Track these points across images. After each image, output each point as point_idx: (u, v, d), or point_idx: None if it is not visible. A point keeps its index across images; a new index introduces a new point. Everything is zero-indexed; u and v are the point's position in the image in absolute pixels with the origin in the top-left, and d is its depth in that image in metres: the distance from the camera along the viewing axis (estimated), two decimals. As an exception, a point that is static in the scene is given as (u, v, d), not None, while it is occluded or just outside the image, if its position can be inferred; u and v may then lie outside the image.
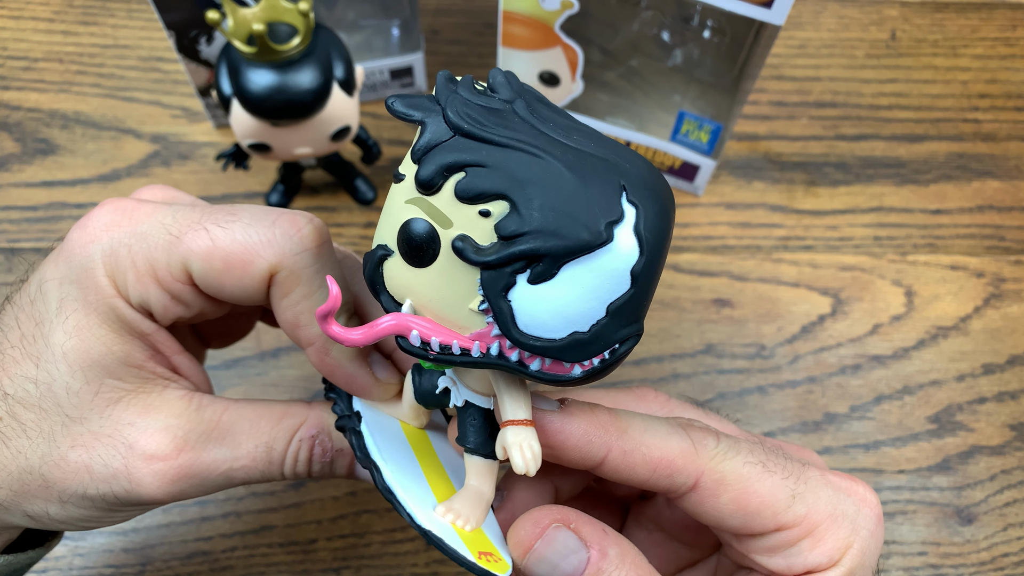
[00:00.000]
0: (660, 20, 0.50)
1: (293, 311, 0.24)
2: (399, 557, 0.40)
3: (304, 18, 0.38)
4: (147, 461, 0.24)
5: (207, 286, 0.24)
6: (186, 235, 0.23)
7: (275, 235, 0.23)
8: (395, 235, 0.19)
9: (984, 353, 0.48)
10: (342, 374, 0.25)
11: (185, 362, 0.26)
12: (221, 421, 0.25)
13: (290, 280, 0.23)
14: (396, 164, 0.57)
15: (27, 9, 0.58)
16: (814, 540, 0.24)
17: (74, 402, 0.24)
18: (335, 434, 0.26)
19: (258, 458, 0.25)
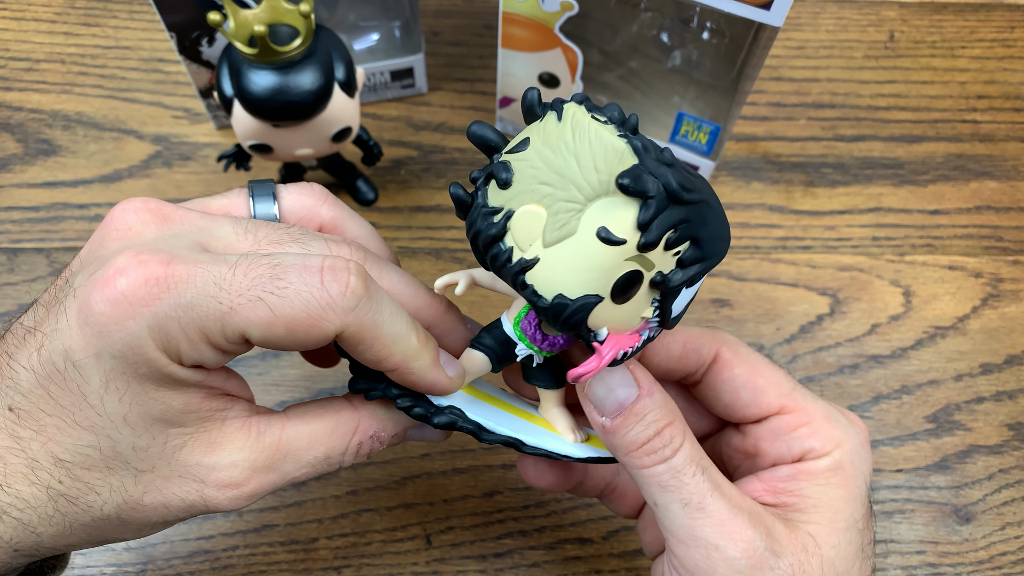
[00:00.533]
0: (659, 22, 0.50)
1: (372, 354, 0.25)
2: (400, 556, 0.41)
3: (305, 19, 0.38)
4: (221, 490, 0.26)
5: (264, 344, 0.25)
6: (242, 306, 0.23)
7: (331, 296, 0.24)
8: (609, 286, 0.22)
9: (982, 353, 0.48)
10: (426, 383, 0.27)
11: (234, 384, 0.27)
12: (280, 444, 0.26)
13: (359, 333, 0.24)
14: (396, 164, 0.57)
15: (29, 10, 0.58)
16: (811, 429, 0.28)
17: (142, 456, 0.25)
18: (389, 425, 0.28)
19: (318, 465, 0.27)
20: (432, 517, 0.42)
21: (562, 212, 0.22)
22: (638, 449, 0.26)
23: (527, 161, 0.23)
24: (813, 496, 0.27)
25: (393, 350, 0.25)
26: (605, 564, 0.41)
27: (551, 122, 0.23)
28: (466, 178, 0.52)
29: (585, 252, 0.22)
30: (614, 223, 0.22)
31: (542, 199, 0.22)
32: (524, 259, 0.23)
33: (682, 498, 0.25)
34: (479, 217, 0.23)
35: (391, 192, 0.51)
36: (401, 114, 0.55)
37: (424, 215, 0.51)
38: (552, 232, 0.22)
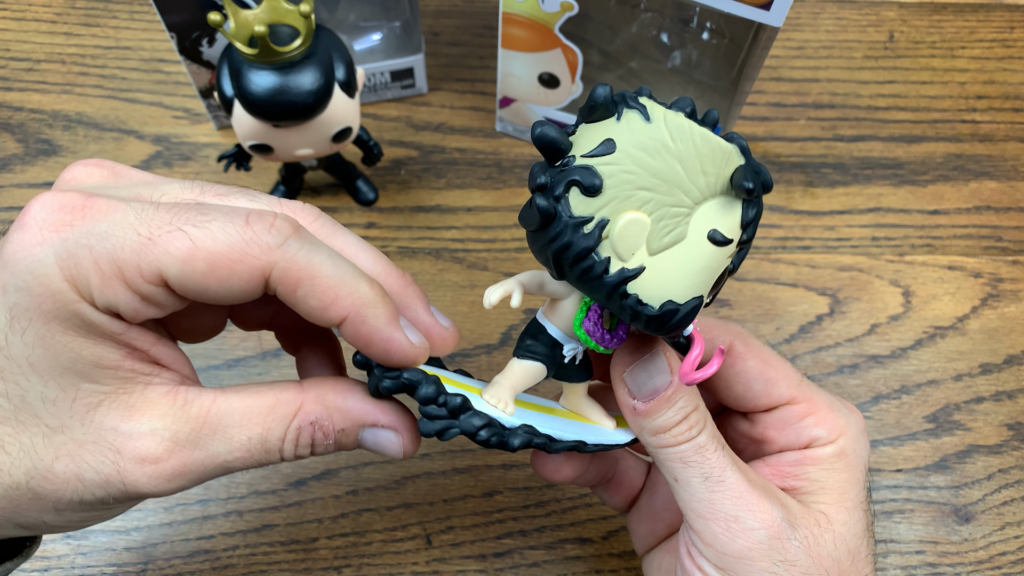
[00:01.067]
0: (659, 22, 0.50)
1: (316, 299, 0.23)
2: (400, 556, 0.41)
3: (305, 20, 0.38)
4: (139, 464, 0.23)
5: (186, 289, 0.23)
6: (160, 237, 0.22)
7: (255, 232, 0.22)
8: (710, 285, 0.23)
9: (981, 353, 0.48)
10: (382, 339, 0.24)
11: (165, 352, 0.25)
12: (209, 416, 0.24)
13: (292, 272, 0.23)
14: (396, 165, 0.57)
15: (29, 11, 0.58)
16: (817, 419, 0.29)
17: (52, 411, 0.23)
18: (336, 415, 0.25)
19: (253, 449, 0.24)
20: (432, 517, 0.42)
21: (668, 218, 0.21)
22: (667, 431, 0.27)
23: (618, 165, 0.21)
24: (820, 479, 0.28)
25: (339, 293, 0.23)
26: (605, 564, 0.41)
27: (637, 122, 0.21)
28: (466, 177, 0.52)
29: (696, 255, 0.22)
30: (723, 224, 0.22)
31: (643, 206, 0.21)
32: (626, 269, 0.22)
33: (703, 472, 0.26)
34: (567, 229, 0.22)
35: (391, 192, 0.51)
36: (401, 114, 0.55)
37: (424, 215, 0.51)
38: (659, 239, 0.22)
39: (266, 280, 0.23)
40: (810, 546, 0.26)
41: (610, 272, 0.22)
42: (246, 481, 0.42)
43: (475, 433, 0.24)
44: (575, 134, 0.22)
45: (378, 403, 0.26)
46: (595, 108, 0.22)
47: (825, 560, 0.27)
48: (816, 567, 0.26)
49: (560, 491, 0.43)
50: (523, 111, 0.52)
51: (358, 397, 0.26)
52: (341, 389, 0.26)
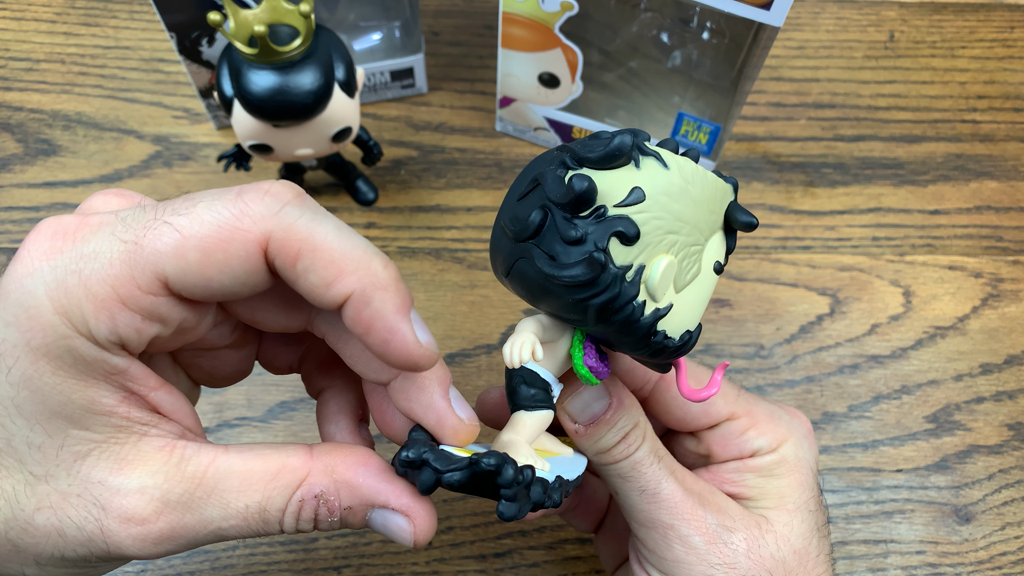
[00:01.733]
0: (659, 22, 0.50)
1: (319, 273, 0.21)
2: (399, 556, 0.41)
3: (305, 20, 0.38)
4: (124, 525, 0.21)
5: (187, 286, 0.21)
6: (145, 237, 0.20)
7: (245, 203, 0.20)
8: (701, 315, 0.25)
9: (982, 353, 0.48)
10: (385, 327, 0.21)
11: (167, 399, 0.23)
12: (206, 477, 0.22)
13: (292, 242, 0.20)
14: (396, 164, 0.57)
15: (29, 10, 0.58)
16: (757, 431, 0.30)
17: (37, 458, 0.21)
18: (344, 491, 0.23)
19: (250, 518, 0.22)
20: (432, 517, 0.42)
21: (690, 256, 0.23)
22: (606, 452, 0.28)
23: (650, 212, 0.22)
24: (759, 485, 0.30)
25: (345, 268, 0.21)
26: (605, 564, 0.41)
27: (658, 169, 0.22)
28: (466, 177, 0.52)
29: (706, 286, 0.24)
30: (721, 254, 0.25)
31: (671, 248, 0.23)
32: (659, 309, 0.23)
33: (640, 486, 0.28)
34: (616, 281, 0.22)
35: (391, 192, 0.51)
36: (401, 114, 0.55)
37: (424, 215, 0.51)
38: (684, 277, 0.23)
39: (265, 255, 0.21)
40: (749, 548, 0.27)
41: (646, 315, 0.22)
42: (246, 481, 0.42)
43: (544, 504, 0.23)
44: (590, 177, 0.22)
45: (392, 482, 0.23)
46: (618, 157, 0.22)
47: (767, 561, 0.27)
48: (757, 568, 0.27)
49: (560, 491, 0.43)
50: (523, 111, 0.52)
51: (371, 473, 0.23)
52: (354, 462, 0.23)
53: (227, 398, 0.44)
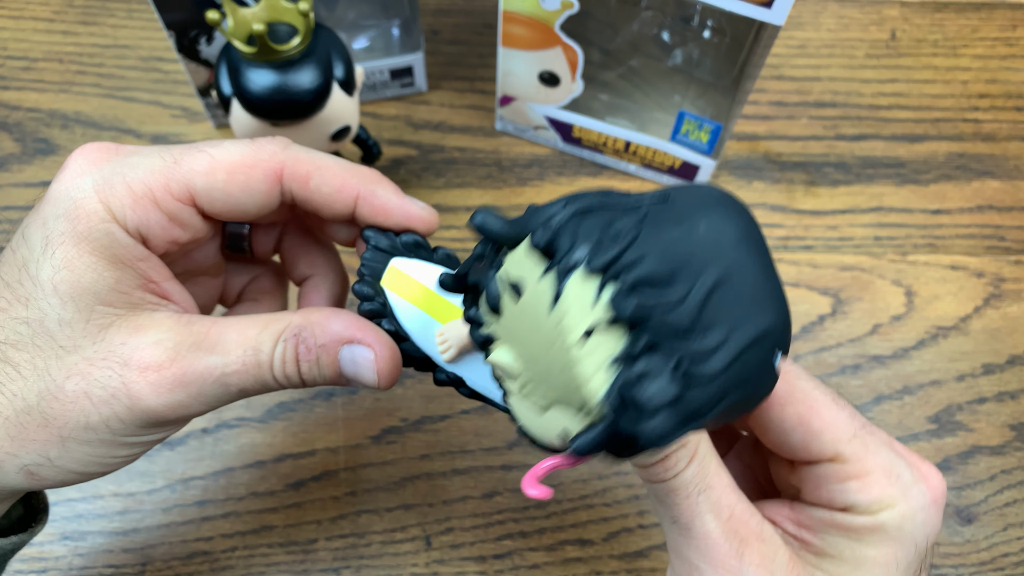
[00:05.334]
0: (660, 20, 0.50)
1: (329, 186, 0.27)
2: (399, 557, 0.40)
3: (304, 18, 0.38)
4: (142, 373, 0.24)
5: (212, 200, 0.26)
6: (183, 158, 0.25)
7: (259, 145, 0.26)
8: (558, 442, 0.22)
9: (984, 353, 0.48)
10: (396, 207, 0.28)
11: (176, 289, 0.27)
12: (210, 333, 0.25)
13: (301, 165, 0.26)
14: (396, 164, 0.57)
15: (27, 9, 0.58)
16: (862, 484, 0.25)
17: (67, 333, 0.24)
18: (318, 330, 0.26)
19: (248, 362, 0.25)
20: (431, 518, 0.41)
21: (532, 390, 0.21)
22: (644, 469, 0.25)
23: (515, 315, 0.20)
24: (836, 547, 0.25)
25: (347, 177, 0.27)
26: (605, 566, 0.41)
27: (545, 298, 0.19)
28: (465, 176, 0.52)
29: (550, 431, 0.21)
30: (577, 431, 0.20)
31: (517, 358, 0.21)
32: (499, 375, 0.22)
33: (672, 516, 0.25)
34: (473, 319, 0.22)
35: (391, 191, 0.51)
36: (400, 113, 0.55)
37: (424, 215, 0.50)
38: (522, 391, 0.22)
39: (280, 181, 0.26)
40: None
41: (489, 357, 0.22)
42: (244, 482, 0.42)
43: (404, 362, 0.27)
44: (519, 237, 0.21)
45: (360, 325, 0.26)
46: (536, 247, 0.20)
47: None
48: None
49: (560, 492, 0.42)
50: (523, 110, 0.52)
51: (341, 316, 0.27)
52: (328, 312, 0.27)
53: (226, 398, 0.44)
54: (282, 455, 0.43)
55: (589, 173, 0.53)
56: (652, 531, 0.42)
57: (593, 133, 0.51)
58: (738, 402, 0.19)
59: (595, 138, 0.51)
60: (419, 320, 0.28)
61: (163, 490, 0.41)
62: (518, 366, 0.21)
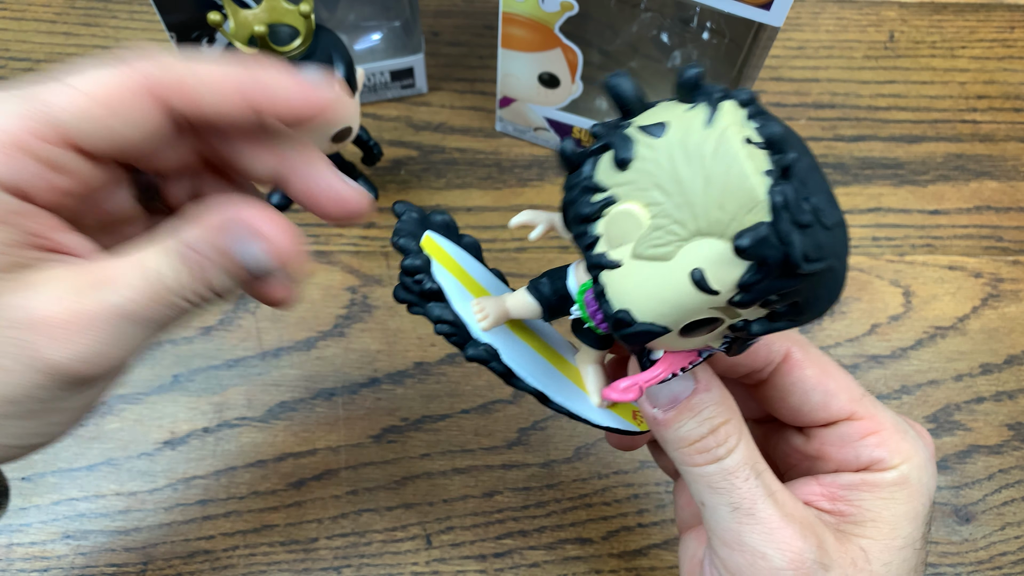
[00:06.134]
0: (659, 22, 0.50)
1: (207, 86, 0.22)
2: (399, 556, 0.41)
3: (305, 20, 0.38)
4: (42, 330, 0.22)
5: (89, 137, 0.22)
6: (43, 95, 0.21)
7: (127, 60, 0.22)
8: (682, 324, 0.20)
9: (982, 353, 0.48)
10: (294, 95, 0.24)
11: (74, 240, 0.23)
12: (106, 268, 0.22)
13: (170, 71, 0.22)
14: (396, 165, 0.57)
15: (29, 10, 0.58)
16: (879, 439, 0.26)
17: None
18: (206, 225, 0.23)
19: (143, 286, 0.22)
20: (432, 517, 0.42)
21: (664, 231, 0.19)
22: (690, 446, 0.24)
23: (655, 151, 0.19)
24: (873, 509, 0.25)
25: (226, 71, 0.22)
26: (605, 564, 0.41)
27: (698, 120, 0.19)
28: (466, 177, 0.52)
29: (672, 285, 0.19)
30: (714, 272, 0.19)
31: (650, 204, 0.19)
32: (606, 257, 0.20)
33: (732, 501, 0.24)
34: (578, 189, 0.21)
35: (391, 192, 0.51)
36: (401, 114, 0.55)
37: (424, 215, 0.51)
38: (645, 247, 0.19)
39: (157, 99, 0.22)
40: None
41: (594, 250, 0.21)
42: (246, 481, 0.42)
43: (435, 323, 0.26)
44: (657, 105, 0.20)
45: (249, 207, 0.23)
46: (678, 88, 0.20)
47: None
48: None
49: (560, 491, 0.43)
50: (523, 111, 0.52)
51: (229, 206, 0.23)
52: None
53: (227, 398, 0.44)
54: (283, 454, 0.43)
55: (589, 174, 0.53)
56: (651, 530, 0.42)
57: (593, 134, 0.51)
58: (831, 276, 0.19)
59: (595, 139, 0.52)
60: (456, 289, 0.26)
61: (165, 489, 0.42)
62: (648, 212, 0.19)
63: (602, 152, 0.20)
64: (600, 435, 0.44)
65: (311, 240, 0.49)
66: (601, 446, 0.44)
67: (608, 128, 0.21)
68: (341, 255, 0.49)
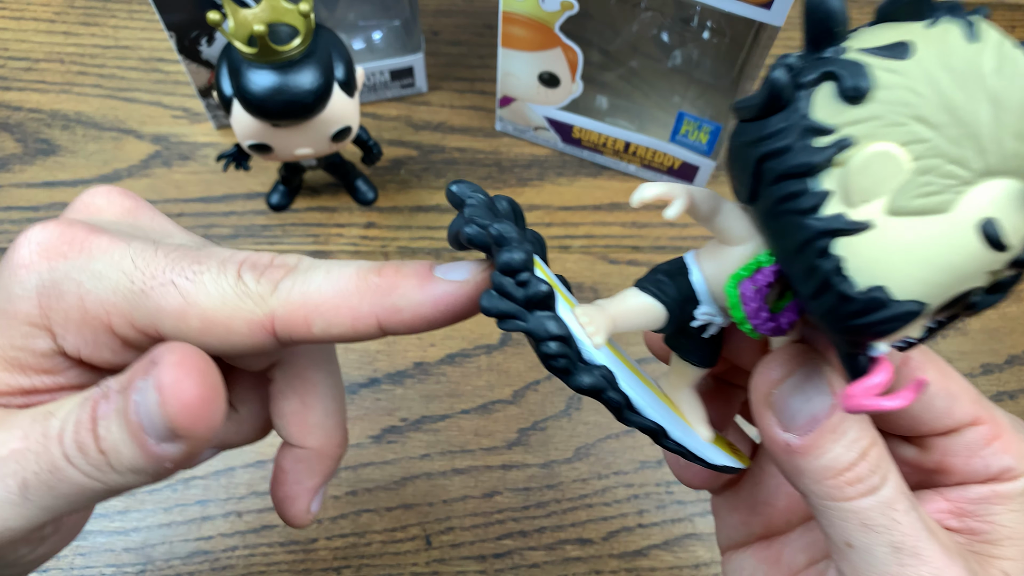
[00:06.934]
0: (660, 21, 0.50)
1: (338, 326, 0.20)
2: (399, 556, 0.41)
3: (305, 19, 0.38)
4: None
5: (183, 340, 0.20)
6: (153, 290, 0.20)
7: (247, 284, 0.20)
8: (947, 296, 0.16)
9: (983, 353, 0.48)
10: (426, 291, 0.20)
11: None
12: (7, 415, 0.19)
13: (293, 311, 0.20)
14: (396, 164, 0.57)
15: (28, 10, 0.58)
16: (1003, 444, 0.23)
17: None
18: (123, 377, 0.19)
19: (31, 435, 0.19)
20: (432, 518, 0.42)
21: (938, 174, 0.15)
22: (837, 476, 0.20)
23: (905, 76, 0.15)
24: (1009, 524, 0.22)
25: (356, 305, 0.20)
26: (605, 565, 0.41)
27: (955, 36, 0.15)
28: (466, 177, 0.52)
29: (949, 245, 0.15)
30: (1012, 220, 0.15)
31: (911, 142, 0.15)
32: (845, 218, 0.15)
33: (893, 541, 0.20)
34: (792, 130, 0.16)
35: (391, 192, 0.51)
36: (401, 114, 0.55)
37: (424, 215, 0.51)
38: (911, 196, 0.15)
39: (272, 332, 0.20)
40: None
41: (821, 212, 0.15)
42: (245, 482, 0.42)
43: (543, 340, 0.18)
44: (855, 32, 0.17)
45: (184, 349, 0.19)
46: (905, 5, 0.16)
47: None
48: None
49: (560, 492, 0.43)
50: (523, 110, 0.52)
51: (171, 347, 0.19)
52: None
53: (226, 398, 0.44)
54: (283, 455, 0.43)
55: (589, 174, 0.53)
56: (652, 530, 0.42)
57: (593, 134, 0.51)
58: None
59: (595, 139, 0.51)
60: None
61: (164, 489, 0.41)
62: (909, 152, 0.15)
63: (820, 83, 0.16)
64: (600, 435, 0.44)
65: (310, 239, 0.49)
66: (601, 447, 0.44)
67: (813, 58, 0.16)
68: (341, 255, 0.49)
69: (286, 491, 0.25)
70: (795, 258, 0.16)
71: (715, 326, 0.21)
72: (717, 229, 0.19)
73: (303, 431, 0.25)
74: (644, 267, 0.49)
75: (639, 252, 0.50)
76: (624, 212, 0.51)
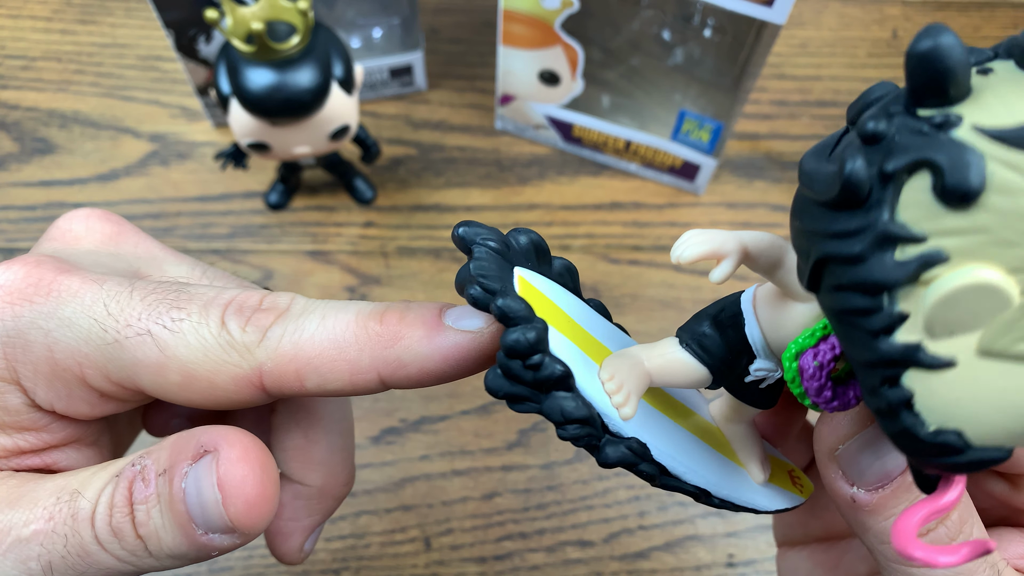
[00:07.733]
0: (661, 19, 0.50)
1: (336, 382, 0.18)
2: (398, 558, 0.40)
3: (303, 17, 0.38)
4: None
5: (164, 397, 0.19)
6: (128, 340, 0.18)
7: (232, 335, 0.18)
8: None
9: None
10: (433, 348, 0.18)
11: (71, 456, 0.20)
12: (27, 483, 0.18)
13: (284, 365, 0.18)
14: (395, 163, 0.56)
15: (25, 8, 0.58)
16: None
17: None
18: (166, 452, 0.18)
19: (57, 515, 0.18)
20: (431, 519, 0.41)
21: None
22: None
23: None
24: None
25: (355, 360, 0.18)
26: (606, 567, 0.41)
27: None
28: (465, 176, 0.52)
29: None
30: None
31: (1017, 270, 0.12)
32: (922, 350, 0.12)
33: None
34: (868, 234, 0.12)
35: (390, 191, 0.51)
36: (400, 112, 0.55)
37: (423, 214, 0.50)
38: (1014, 340, 0.12)
39: (260, 387, 0.18)
40: None
41: (894, 338, 0.12)
42: (243, 483, 0.42)
43: (560, 424, 0.17)
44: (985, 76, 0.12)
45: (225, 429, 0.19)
46: None
47: None
48: None
49: (561, 493, 0.42)
50: (523, 109, 0.52)
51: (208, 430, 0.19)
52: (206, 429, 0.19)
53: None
54: (281, 456, 0.42)
55: (589, 172, 0.53)
56: (652, 532, 0.42)
57: (593, 132, 0.51)
58: None
59: (595, 137, 0.51)
60: (575, 357, 0.18)
61: (161, 491, 0.41)
62: (1021, 282, 0.12)
63: (912, 173, 0.12)
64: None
65: (309, 238, 0.49)
66: (602, 447, 0.43)
67: (911, 127, 0.12)
68: (339, 254, 0.48)
69: (279, 527, 0.23)
70: (859, 369, 0.13)
71: (773, 379, 0.18)
72: (780, 283, 0.17)
73: (305, 467, 0.23)
74: (645, 267, 0.49)
75: (640, 251, 0.50)
76: (625, 211, 0.51)
